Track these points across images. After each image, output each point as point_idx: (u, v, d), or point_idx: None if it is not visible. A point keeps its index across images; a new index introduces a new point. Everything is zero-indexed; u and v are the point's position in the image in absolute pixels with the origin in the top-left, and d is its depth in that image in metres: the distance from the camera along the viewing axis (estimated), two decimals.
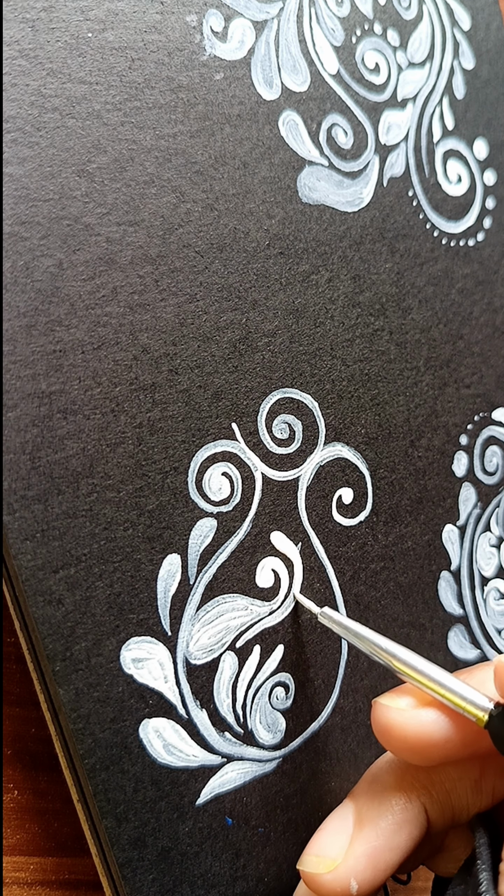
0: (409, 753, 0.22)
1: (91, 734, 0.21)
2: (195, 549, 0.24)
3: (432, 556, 0.29)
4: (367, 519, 0.27)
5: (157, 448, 0.23)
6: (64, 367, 0.22)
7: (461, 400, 0.30)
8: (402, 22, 0.30)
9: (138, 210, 0.23)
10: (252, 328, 0.25)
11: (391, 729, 0.22)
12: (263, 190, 0.26)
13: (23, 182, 0.22)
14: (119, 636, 0.22)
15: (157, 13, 0.24)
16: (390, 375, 0.28)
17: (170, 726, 0.23)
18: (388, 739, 0.22)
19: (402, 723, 0.21)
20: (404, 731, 0.21)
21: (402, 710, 0.22)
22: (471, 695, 0.21)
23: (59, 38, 0.23)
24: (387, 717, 0.22)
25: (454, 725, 0.21)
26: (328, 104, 0.28)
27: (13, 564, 0.21)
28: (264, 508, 0.25)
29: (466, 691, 0.21)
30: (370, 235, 0.28)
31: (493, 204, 0.32)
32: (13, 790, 0.25)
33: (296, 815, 0.25)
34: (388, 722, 0.22)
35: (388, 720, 0.22)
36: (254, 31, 0.26)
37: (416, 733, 0.21)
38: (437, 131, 0.30)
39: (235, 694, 0.24)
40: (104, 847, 0.22)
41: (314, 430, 0.26)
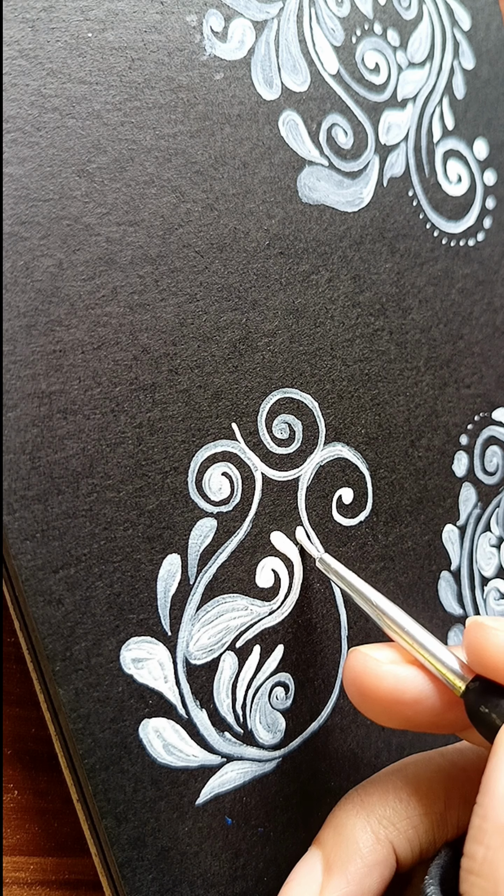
0: (377, 708, 0.21)
1: (91, 734, 0.21)
2: (195, 549, 0.24)
3: (432, 557, 0.29)
4: (367, 519, 0.27)
5: (157, 448, 0.23)
6: (64, 367, 0.22)
7: (461, 400, 0.30)
8: (402, 22, 0.30)
9: (138, 210, 0.23)
10: (252, 328, 0.25)
11: (365, 678, 0.21)
12: (263, 190, 0.26)
13: (23, 182, 0.22)
14: (119, 636, 0.22)
15: (157, 13, 0.24)
16: (390, 375, 0.28)
17: (170, 726, 0.23)
18: (359, 689, 0.21)
19: (378, 674, 0.21)
20: (378, 683, 0.21)
21: (379, 661, 0.21)
22: (453, 664, 0.21)
23: (59, 38, 0.23)
24: (363, 665, 0.21)
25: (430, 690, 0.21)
26: (328, 104, 0.28)
27: (13, 564, 0.21)
28: (264, 508, 0.25)
29: (450, 659, 0.21)
30: (370, 235, 0.28)
31: (494, 204, 0.32)
32: (13, 790, 0.25)
33: (296, 815, 0.25)
34: (363, 670, 0.21)
35: (363, 668, 0.21)
36: (254, 31, 0.26)
37: (389, 688, 0.21)
38: (437, 131, 0.30)
39: (235, 694, 0.24)
40: (104, 847, 0.22)
41: (314, 430, 0.26)
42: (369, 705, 0.21)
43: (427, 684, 0.21)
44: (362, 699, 0.21)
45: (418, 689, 0.21)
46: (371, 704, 0.21)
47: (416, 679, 0.21)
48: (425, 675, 0.21)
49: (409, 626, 0.22)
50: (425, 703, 0.21)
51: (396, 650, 0.22)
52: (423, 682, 0.21)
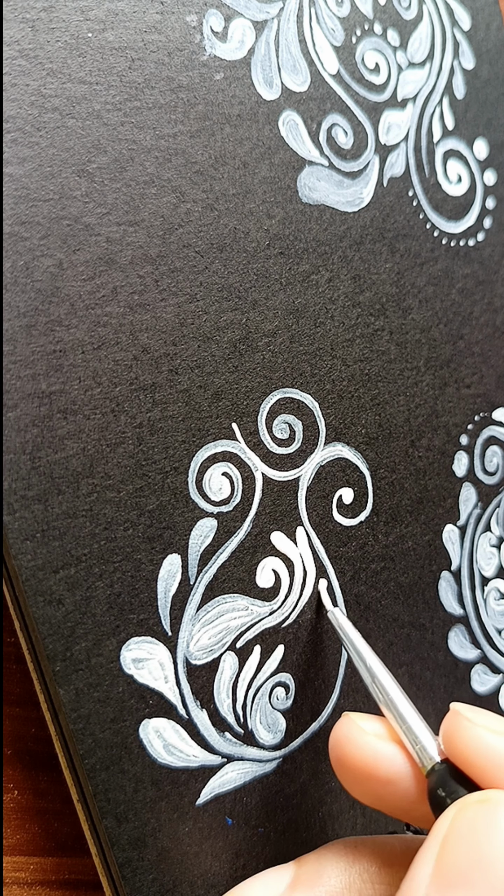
0: (349, 779, 0.21)
1: (91, 734, 0.21)
2: (195, 549, 0.24)
3: (433, 556, 0.29)
4: (367, 519, 0.27)
5: (158, 448, 0.23)
6: (64, 367, 0.22)
7: (461, 400, 0.30)
8: (402, 22, 0.30)
9: (138, 210, 0.23)
10: (252, 328, 0.25)
11: (344, 745, 0.21)
12: (263, 190, 0.26)
13: (23, 182, 0.22)
14: (119, 636, 0.22)
15: (157, 13, 0.24)
16: (390, 375, 0.28)
17: (170, 726, 0.23)
18: (336, 754, 0.21)
19: (358, 744, 0.21)
20: (355, 752, 0.21)
21: (364, 731, 0.21)
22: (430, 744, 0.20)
23: (59, 38, 0.23)
24: (346, 730, 0.21)
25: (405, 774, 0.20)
26: (328, 104, 0.28)
27: (13, 564, 0.21)
28: (265, 508, 0.25)
29: (427, 738, 0.20)
30: (370, 235, 0.28)
31: (494, 204, 0.32)
32: (13, 790, 0.25)
33: (296, 816, 0.25)
34: (344, 736, 0.21)
35: (345, 734, 0.21)
36: (254, 31, 0.26)
37: (364, 760, 0.21)
38: (437, 131, 0.30)
39: (236, 694, 0.24)
40: (104, 847, 0.22)
41: (314, 430, 0.26)
42: (343, 773, 0.21)
43: (405, 767, 0.20)
44: (337, 764, 0.21)
45: (394, 769, 0.20)
46: (344, 773, 0.21)
47: (393, 758, 0.21)
48: (406, 759, 0.21)
49: (396, 698, 0.21)
50: (398, 785, 0.20)
51: (385, 726, 0.21)
52: (400, 763, 0.20)
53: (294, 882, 0.21)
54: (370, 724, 0.21)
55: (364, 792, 0.21)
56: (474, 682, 0.29)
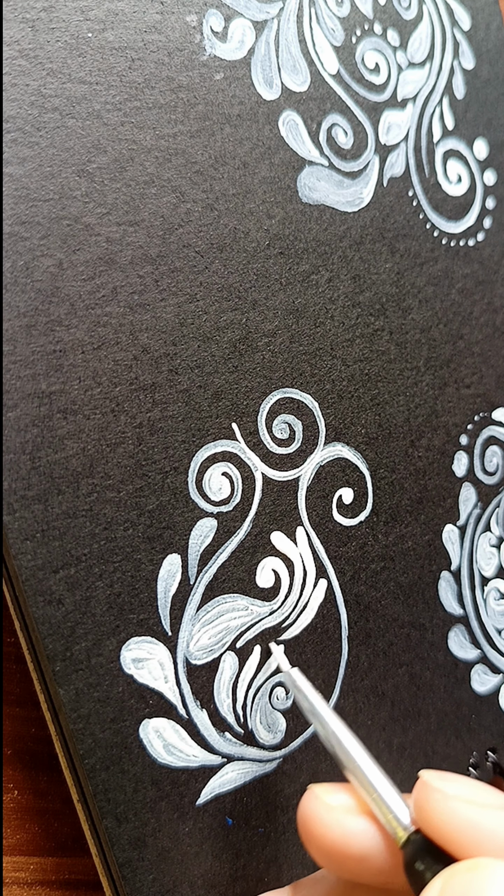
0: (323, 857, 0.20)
1: (91, 734, 0.21)
2: (195, 549, 0.24)
3: (432, 556, 0.29)
4: (367, 519, 0.27)
5: (157, 448, 0.23)
6: (64, 367, 0.22)
7: (461, 400, 0.30)
8: (402, 22, 0.30)
9: (138, 210, 0.23)
10: (252, 328, 0.25)
11: (312, 824, 0.20)
12: (263, 190, 0.26)
13: (23, 182, 0.22)
14: (119, 636, 0.22)
15: (157, 13, 0.24)
16: (390, 375, 0.28)
17: (170, 726, 0.23)
18: (305, 833, 0.20)
19: (325, 822, 0.19)
20: (324, 831, 0.19)
21: (331, 807, 0.20)
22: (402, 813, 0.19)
23: (59, 38, 0.23)
24: (313, 809, 0.20)
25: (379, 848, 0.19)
26: (328, 104, 0.28)
27: (13, 564, 0.21)
28: (264, 508, 0.25)
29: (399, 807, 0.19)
30: (370, 235, 0.28)
31: (494, 204, 0.32)
32: (13, 790, 0.25)
33: (296, 816, 0.25)
34: (311, 815, 0.20)
35: (312, 813, 0.20)
36: (254, 31, 0.26)
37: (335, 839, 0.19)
38: (437, 131, 0.30)
39: (236, 694, 0.24)
40: (104, 847, 0.22)
41: (314, 430, 0.26)
42: (314, 852, 0.20)
43: (378, 841, 0.19)
44: (307, 843, 0.20)
45: (367, 844, 0.19)
46: (315, 851, 0.20)
47: (365, 833, 0.19)
48: (378, 831, 0.19)
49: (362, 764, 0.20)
50: (373, 860, 0.19)
51: (352, 795, 0.20)
52: (372, 837, 0.19)
53: None
54: (336, 798, 0.20)
55: (339, 869, 0.20)
56: (474, 682, 0.29)
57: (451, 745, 0.28)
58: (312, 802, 0.20)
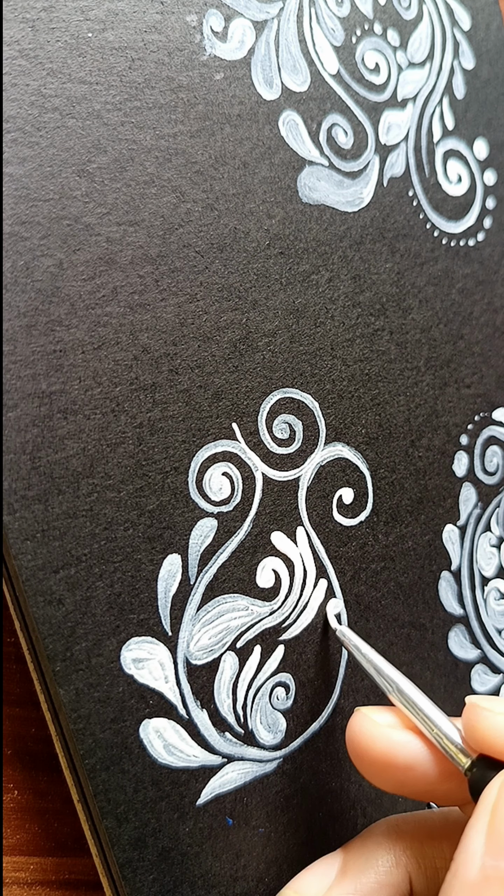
0: (369, 769, 0.22)
1: (91, 734, 0.21)
2: (196, 549, 0.24)
3: (433, 556, 0.29)
4: (367, 519, 0.27)
5: (158, 448, 0.23)
6: (64, 367, 0.22)
7: (461, 400, 0.30)
8: (402, 22, 0.30)
9: (138, 210, 0.23)
10: (252, 328, 0.25)
11: (361, 738, 0.22)
12: (263, 190, 0.26)
13: (23, 182, 0.22)
14: (119, 636, 0.22)
15: (157, 13, 0.24)
16: (390, 375, 0.28)
17: (170, 726, 0.23)
18: (354, 748, 0.22)
19: (373, 736, 0.22)
20: (371, 744, 0.21)
21: (378, 724, 0.22)
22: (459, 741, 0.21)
23: (59, 38, 0.23)
24: (361, 726, 0.22)
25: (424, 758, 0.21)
26: (328, 104, 0.28)
27: (13, 564, 0.21)
28: (265, 508, 0.25)
29: (456, 736, 0.21)
30: (370, 235, 0.28)
31: (494, 204, 0.32)
32: (13, 790, 0.25)
33: (296, 816, 0.25)
34: (360, 730, 0.22)
35: (360, 729, 0.22)
36: (254, 31, 0.26)
37: (381, 750, 0.21)
38: (437, 131, 0.30)
39: (236, 694, 0.24)
40: (104, 847, 0.22)
41: (314, 430, 0.26)
42: (362, 765, 0.22)
43: (422, 752, 0.21)
44: (356, 758, 0.22)
45: (411, 755, 0.21)
46: (364, 765, 0.22)
47: (409, 745, 0.21)
48: (422, 743, 0.21)
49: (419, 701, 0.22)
50: (418, 770, 0.21)
51: (397, 715, 0.22)
52: (417, 749, 0.21)
53: (343, 868, 0.22)
54: (382, 716, 0.22)
55: (386, 780, 0.22)
56: (474, 682, 0.29)
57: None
58: (361, 720, 0.22)
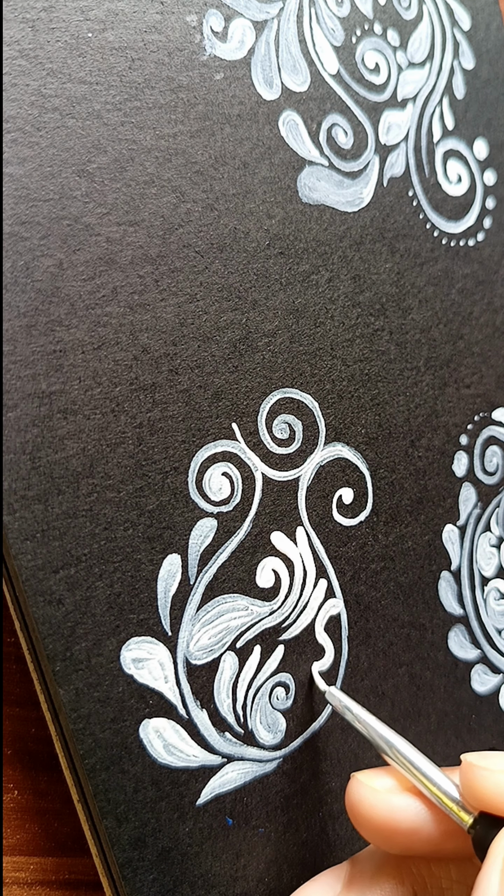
0: (374, 836, 0.21)
1: (91, 734, 0.21)
2: (195, 549, 0.24)
3: (432, 556, 0.29)
4: (367, 519, 0.27)
5: (158, 448, 0.23)
6: (64, 367, 0.22)
7: (461, 400, 0.30)
8: (402, 22, 0.30)
9: (138, 210, 0.23)
10: (252, 328, 0.25)
11: (360, 807, 0.21)
12: (263, 190, 0.26)
13: (23, 182, 0.22)
14: (119, 636, 0.22)
15: (157, 13, 0.24)
16: (390, 375, 0.28)
17: (170, 726, 0.23)
18: (355, 817, 0.22)
19: (373, 804, 0.21)
20: (372, 812, 0.21)
21: (375, 790, 0.22)
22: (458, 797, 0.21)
23: (59, 38, 0.23)
24: (359, 794, 0.22)
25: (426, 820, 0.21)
26: (328, 104, 0.28)
27: (13, 564, 0.21)
28: (264, 508, 0.25)
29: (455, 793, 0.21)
30: (370, 235, 0.28)
31: (493, 204, 0.32)
32: (13, 790, 0.25)
33: (296, 816, 0.25)
34: (358, 799, 0.21)
35: (359, 798, 0.21)
36: (254, 31, 0.26)
37: (384, 817, 0.21)
38: (437, 131, 0.30)
39: (236, 694, 0.24)
40: (104, 847, 0.22)
41: (314, 430, 0.26)
42: (366, 833, 0.22)
43: (423, 814, 0.21)
44: (358, 826, 0.22)
45: (413, 818, 0.21)
46: (367, 832, 0.22)
47: (410, 808, 0.21)
48: (423, 805, 0.21)
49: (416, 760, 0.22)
50: (422, 833, 0.21)
51: (394, 777, 0.22)
52: (418, 811, 0.21)
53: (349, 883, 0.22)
54: (380, 781, 0.22)
55: (391, 845, 0.21)
56: (474, 682, 0.29)
57: (451, 745, 0.28)
58: (359, 788, 0.22)
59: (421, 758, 0.22)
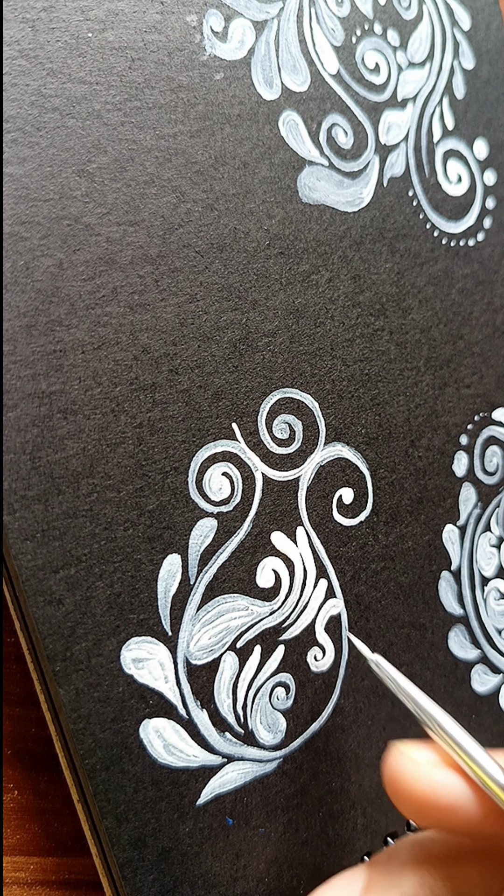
0: (411, 810, 0.21)
1: (91, 734, 0.21)
2: (195, 549, 0.24)
3: (433, 556, 0.29)
4: (367, 519, 0.27)
5: (158, 448, 0.23)
6: (64, 367, 0.22)
7: (461, 400, 0.30)
8: (402, 22, 0.30)
9: (138, 210, 0.23)
10: (252, 328, 0.25)
11: (401, 779, 0.21)
12: (263, 190, 0.26)
13: (23, 182, 0.22)
14: (119, 636, 0.22)
15: (157, 13, 0.24)
16: (390, 375, 0.28)
17: (170, 726, 0.23)
18: (393, 789, 0.21)
19: (414, 776, 0.21)
20: (413, 785, 0.21)
21: (418, 762, 0.21)
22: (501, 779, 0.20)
23: (59, 38, 0.23)
24: (400, 765, 0.21)
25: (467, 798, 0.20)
26: (328, 104, 0.28)
27: (13, 564, 0.21)
28: (265, 508, 0.25)
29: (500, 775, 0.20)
30: (370, 235, 0.28)
31: (493, 204, 0.32)
32: (13, 790, 0.25)
33: (296, 816, 0.25)
34: (400, 770, 0.21)
35: (400, 769, 0.21)
36: (254, 31, 0.26)
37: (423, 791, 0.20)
38: (437, 131, 0.30)
39: (236, 694, 0.24)
40: (104, 847, 0.22)
41: (314, 430, 0.26)
42: (403, 805, 0.21)
43: (465, 792, 0.20)
44: (396, 799, 0.21)
45: (455, 796, 0.20)
46: (405, 805, 0.21)
47: (452, 785, 0.21)
48: (465, 783, 0.21)
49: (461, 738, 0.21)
50: (462, 810, 0.20)
51: (437, 752, 0.21)
52: (460, 789, 0.20)
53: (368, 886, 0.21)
54: (422, 754, 0.21)
55: (428, 821, 0.21)
56: (474, 682, 0.29)
57: None
58: (400, 758, 0.21)
59: (465, 735, 0.21)
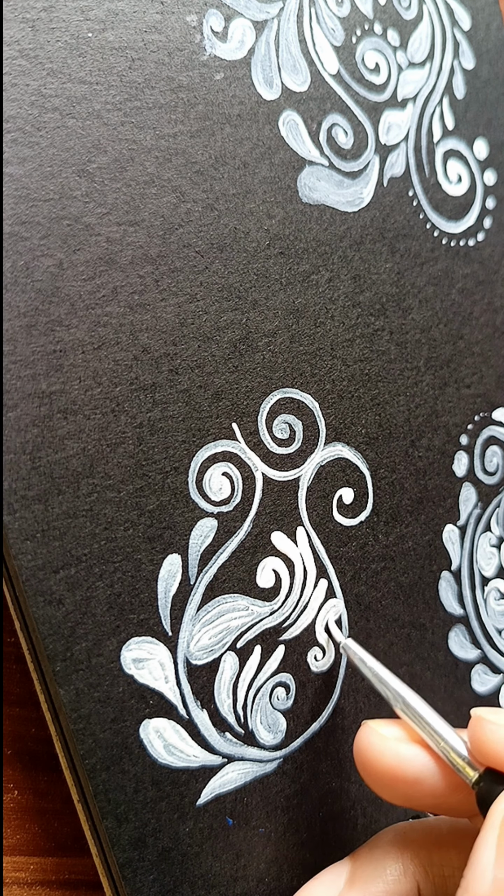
0: (377, 783, 0.22)
1: (91, 734, 0.21)
2: (196, 549, 0.24)
3: (433, 556, 0.29)
4: (367, 519, 0.27)
5: (158, 448, 0.23)
6: (64, 367, 0.22)
7: (461, 400, 0.30)
8: (402, 22, 0.30)
9: (138, 210, 0.23)
10: (252, 328, 0.25)
11: (368, 753, 0.22)
12: (263, 190, 0.26)
13: (23, 182, 0.22)
14: (119, 636, 0.22)
15: (157, 13, 0.24)
16: (390, 375, 0.28)
17: (170, 726, 0.23)
18: (361, 762, 0.22)
19: (381, 750, 0.22)
20: (379, 758, 0.22)
21: (385, 737, 0.22)
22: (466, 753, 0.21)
23: (59, 38, 0.23)
24: (368, 739, 0.22)
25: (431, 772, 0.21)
26: (328, 104, 0.28)
27: (13, 564, 0.21)
28: (265, 508, 0.25)
29: (462, 749, 0.21)
30: (370, 235, 0.28)
31: (494, 204, 0.32)
32: (13, 790, 0.25)
33: (296, 816, 0.25)
34: (367, 744, 0.22)
35: (368, 743, 0.22)
36: (254, 31, 0.26)
37: (389, 764, 0.21)
38: (438, 131, 0.30)
39: (236, 694, 0.24)
40: (104, 847, 0.22)
41: (314, 430, 0.26)
42: (370, 779, 0.22)
43: (429, 765, 0.21)
44: (364, 772, 0.22)
45: (419, 769, 0.21)
46: (371, 778, 0.22)
47: (417, 758, 0.21)
48: (429, 757, 0.21)
49: (426, 714, 0.22)
50: (426, 783, 0.21)
51: (404, 728, 0.22)
52: (424, 762, 0.21)
53: (351, 877, 0.22)
54: (389, 730, 0.22)
55: (394, 794, 0.22)
56: (474, 682, 0.29)
57: None
58: (368, 733, 0.22)
59: (431, 712, 0.22)
